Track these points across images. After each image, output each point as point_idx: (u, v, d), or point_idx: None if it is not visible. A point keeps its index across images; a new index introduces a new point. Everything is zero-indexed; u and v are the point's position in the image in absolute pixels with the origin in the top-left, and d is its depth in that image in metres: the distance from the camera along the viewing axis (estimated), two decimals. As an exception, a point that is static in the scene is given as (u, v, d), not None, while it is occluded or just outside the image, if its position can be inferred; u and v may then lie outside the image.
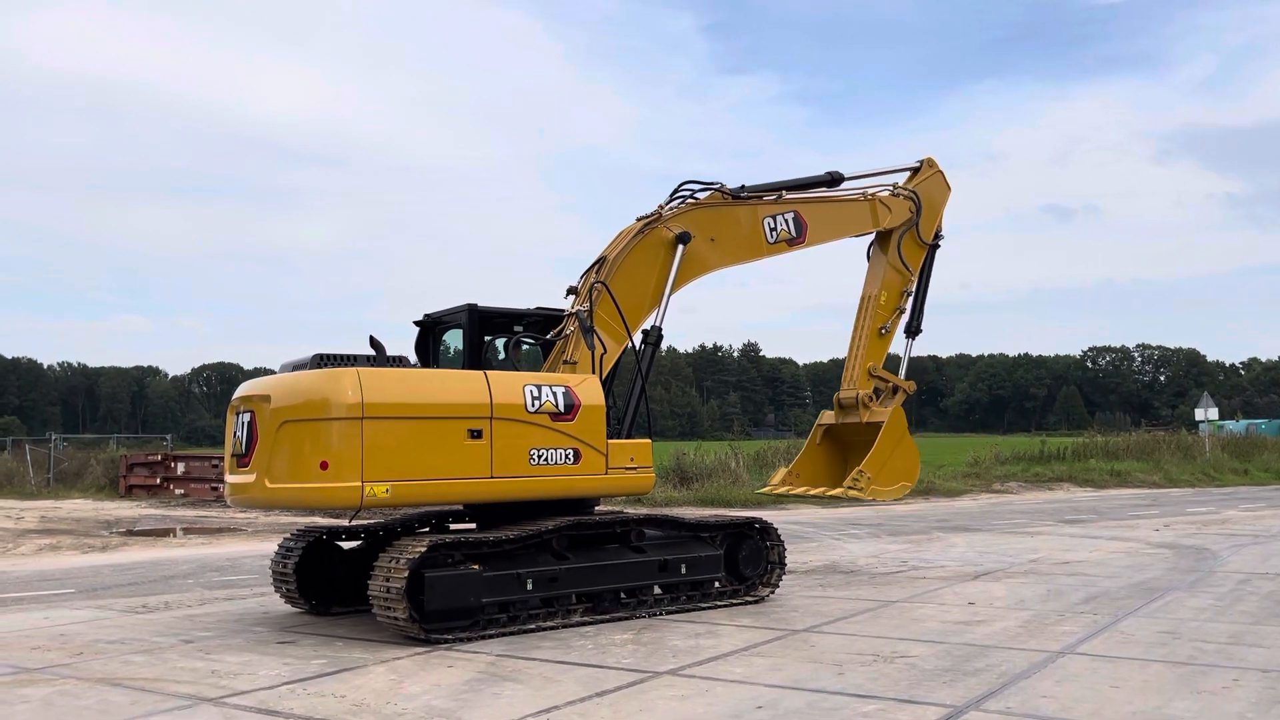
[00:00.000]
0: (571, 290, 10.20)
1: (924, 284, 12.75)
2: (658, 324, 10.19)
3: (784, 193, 11.33)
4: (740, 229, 10.91)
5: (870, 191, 12.18)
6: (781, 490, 12.47)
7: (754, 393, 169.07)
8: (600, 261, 10.20)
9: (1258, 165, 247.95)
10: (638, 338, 10.15)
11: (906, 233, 12.40)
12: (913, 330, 12.80)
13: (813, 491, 12.20)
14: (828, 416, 12.68)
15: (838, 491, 11.79)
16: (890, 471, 11.74)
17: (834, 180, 11.93)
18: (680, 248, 10.31)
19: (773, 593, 10.08)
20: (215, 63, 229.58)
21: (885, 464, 11.68)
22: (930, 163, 12.76)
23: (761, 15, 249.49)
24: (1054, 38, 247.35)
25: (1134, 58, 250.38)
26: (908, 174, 12.70)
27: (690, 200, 10.65)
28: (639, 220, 10.45)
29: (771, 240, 11.08)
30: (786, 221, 11.21)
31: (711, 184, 10.78)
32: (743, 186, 10.97)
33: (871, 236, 12.48)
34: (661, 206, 10.53)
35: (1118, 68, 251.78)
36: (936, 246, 12.79)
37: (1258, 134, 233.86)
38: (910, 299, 12.65)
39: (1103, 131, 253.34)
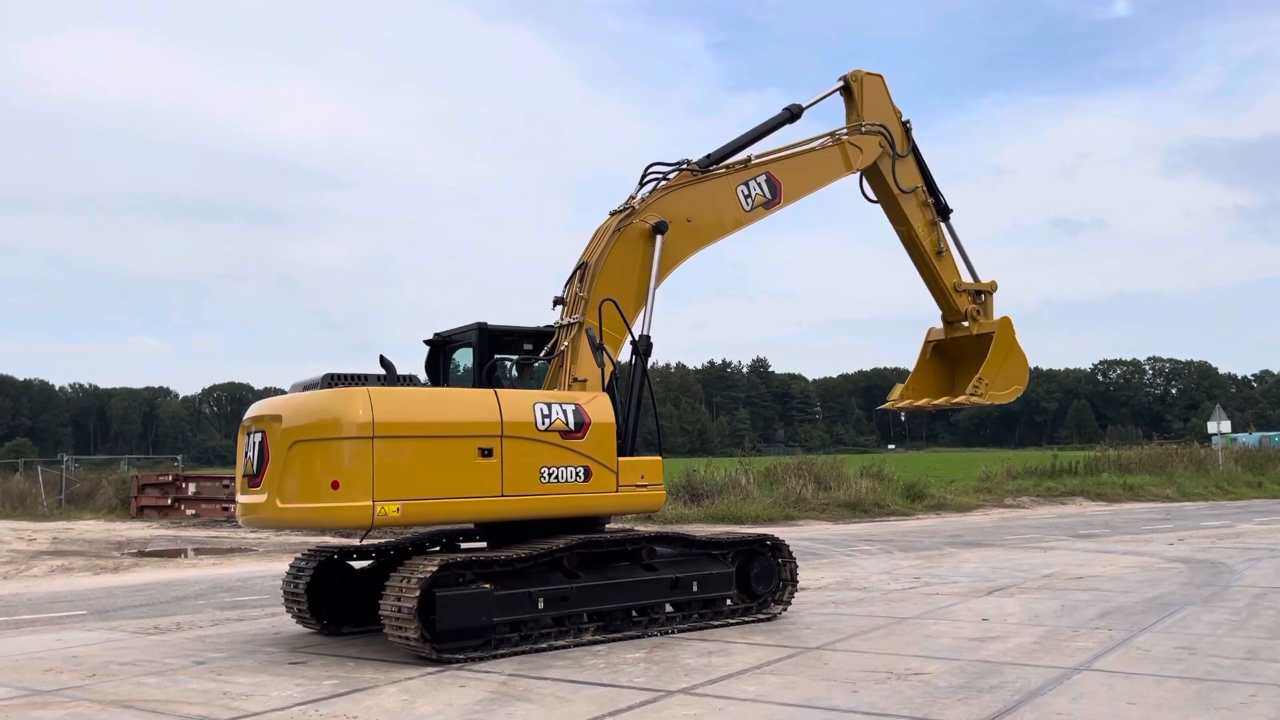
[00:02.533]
0: (558, 301, 10.05)
1: (924, 169, 12.43)
2: (645, 332, 9.94)
3: (752, 157, 11.07)
4: (715, 204, 10.68)
5: (838, 133, 11.80)
6: (902, 405, 12.93)
7: (764, 408, 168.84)
8: (582, 267, 9.98)
9: (1267, 177, 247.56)
10: (625, 352, 10.01)
11: (892, 161, 12.02)
12: (945, 212, 12.63)
13: (935, 403, 12.72)
14: (936, 333, 12.94)
15: (960, 399, 12.36)
16: (1004, 376, 12.24)
17: (793, 115, 11.67)
18: (658, 238, 10.05)
19: (785, 610, 10.04)
20: (228, 85, 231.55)
21: (1000, 370, 12.19)
22: (855, 77, 12.10)
23: (769, 33, 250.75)
24: (1060, 52, 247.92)
25: (1140, 71, 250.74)
26: (844, 104, 12.15)
27: (661, 184, 10.40)
28: (612, 215, 10.22)
29: (748, 208, 10.86)
30: (760, 185, 10.96)
31: (678, 163, 10.53)
32: (708, 156, 10.72)
33: (855, 178, 12.12)
34: (632, 197, 10.28)
35: (1124, 81, 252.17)
36: (908, 130, 12.37)
37: (1266, 146, 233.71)
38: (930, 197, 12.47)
39: (1110, 145, 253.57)
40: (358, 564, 9.81)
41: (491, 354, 9.74)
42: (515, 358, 10.00)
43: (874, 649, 8.24)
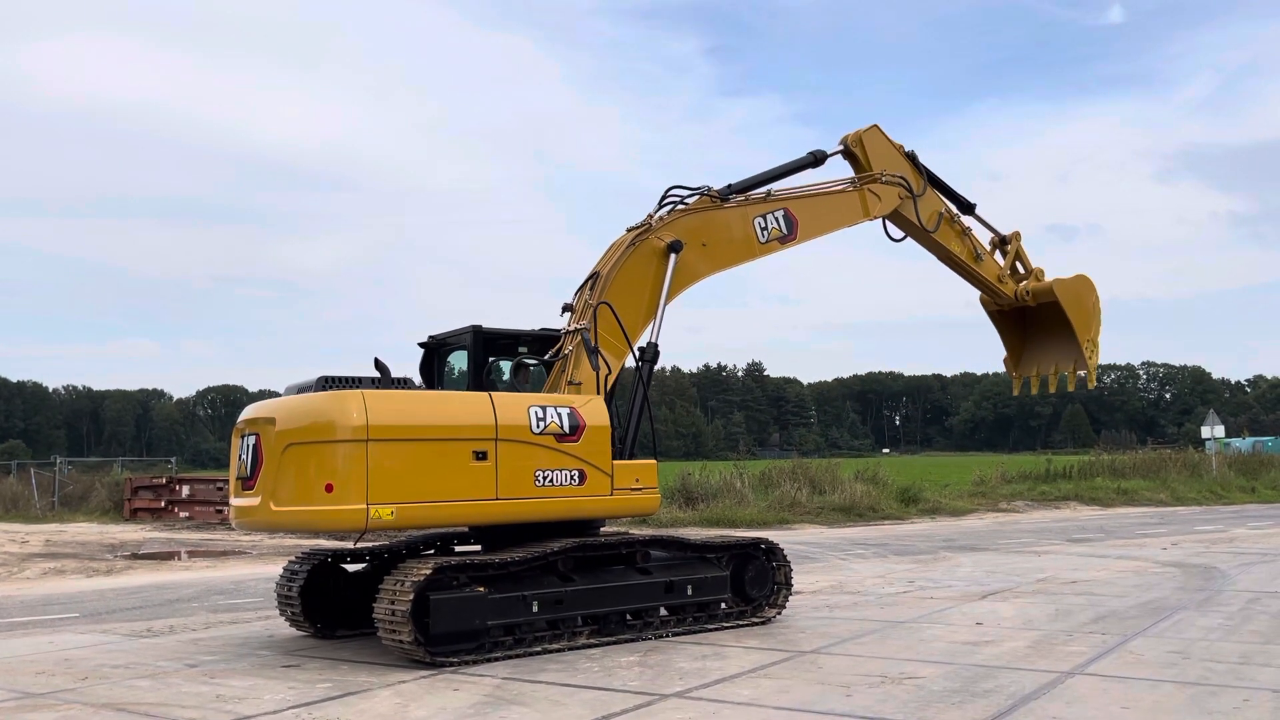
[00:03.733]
0: (567, 308, 10.10)
1: (937, 182, 12.56)
2: (653, 340, 10.06)
3: (772, 190, 11.20)
4: (731, 232, 10.80)
5: (859, 180, 11.90)
6: (1029, 377, 13.68)
7: (759, 412, 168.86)
8: (594, 277, 10.08)
9: (1261, 183, 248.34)
10: (630, 360, 10.08)
11: (914, 202, 12.13)
12: (967, 208, 12.84)
13: (1062, 371, 13.42)
14: (987, 301, 13.45)
15: (1084, 372, 13.23)
16: (1086, 319, 13.23)
17: (817, 160, 11.83)
18: (673, 257, 10.15)
19: (779, 613, 10.03)
20: (223, 88, 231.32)
21: (1085, 322, 13.15)
22: (854, 141, 12.04)
23: (764, 38, 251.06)
24: (1055, 58, 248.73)
25: (1135, 77, 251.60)
26: (850, 166, 12.18)
27: (679, 207, 10.53)
28: (629, 231, 10.33)
29: (763, 240, 10.97)
30: (777, 219, 11.08)
31: (698, 188, 10.67)
32: (729, 186, 10.85)
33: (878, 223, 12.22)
34: (650, 215, 10.40)
35: (1119, 87, 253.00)
36: (915, 161, 12.45)
37: (1260, 152, 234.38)
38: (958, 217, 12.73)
39: (1104, 151, 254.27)
40: (352, 567, 9.79)
41: (486, 357, 9.74)
42: (514, 359, 9.99)
43: (868, 653, 8.24)
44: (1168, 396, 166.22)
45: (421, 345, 10.22)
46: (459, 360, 10.11)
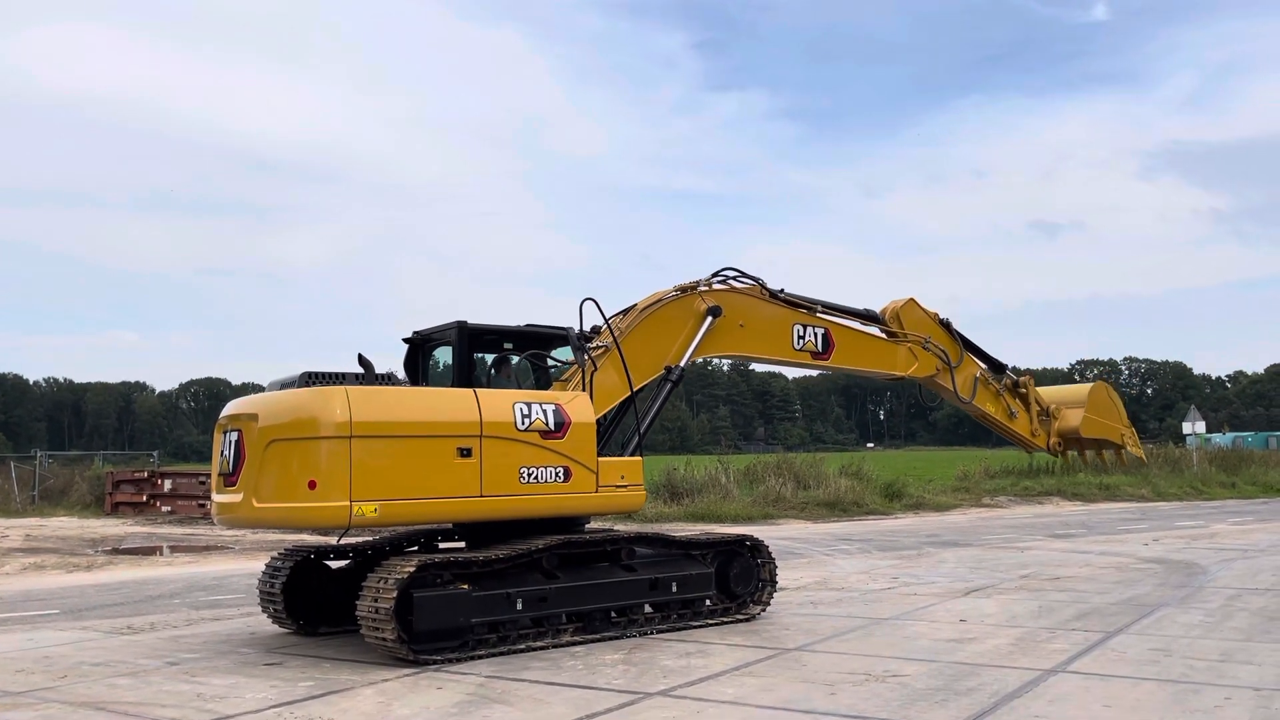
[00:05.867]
0: (594, 329, 10.15)
1: (972, 347, 13.14)
2: (681, 366, 10.38)
3: (820, 307, 11.58)
4: (770, 326, 11.16)
5: (908, 341, 12.32)
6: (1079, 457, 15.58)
7: (744, 407, 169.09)
8: (632, 308, 10.43)
9: (1242, 181, 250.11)
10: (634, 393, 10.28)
11: (951, 372, 12.67)
12: (999, 369, 13.42)
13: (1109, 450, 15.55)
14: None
15: (1137, 451, 15.45)
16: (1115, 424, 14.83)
17: (869, 316, 12.28)
18: (709, 320, 10.50)
19: (764, 610, 10.04)
20: (208, 80, 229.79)
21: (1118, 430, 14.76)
22: (892, 316, 12.48)
23: (752, 32, 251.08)
24: (1039, 55, 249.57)
25: (1118, 75, 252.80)
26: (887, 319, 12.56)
27: (729, 284, 10.93)
28: (675, 288, 10.67)
29: (797, 347, 11.32)
30: (815, 335, 11.44)
31: (753, 277, 11.11)
32: (782, 290, 11.28)
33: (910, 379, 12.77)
34: (700, 281, 10.78)
35: (1102, 85, 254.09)
36: (949, 326, 12.99)
37: (1241, 150, 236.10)
38: (986, 366, 13.32)
39: (1088, 148, 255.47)
40: (335, 564, 9.74)
41: (472, 353, 9.70)
42: (496, 355, 9.97)
43: (852, 650, 8.25)
44: (1149, 392, 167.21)
45: (406, 341, 10.17)
46: (444, 356, 10.06)
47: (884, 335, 12.29)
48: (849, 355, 11.81)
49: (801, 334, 11.30)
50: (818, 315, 11.53)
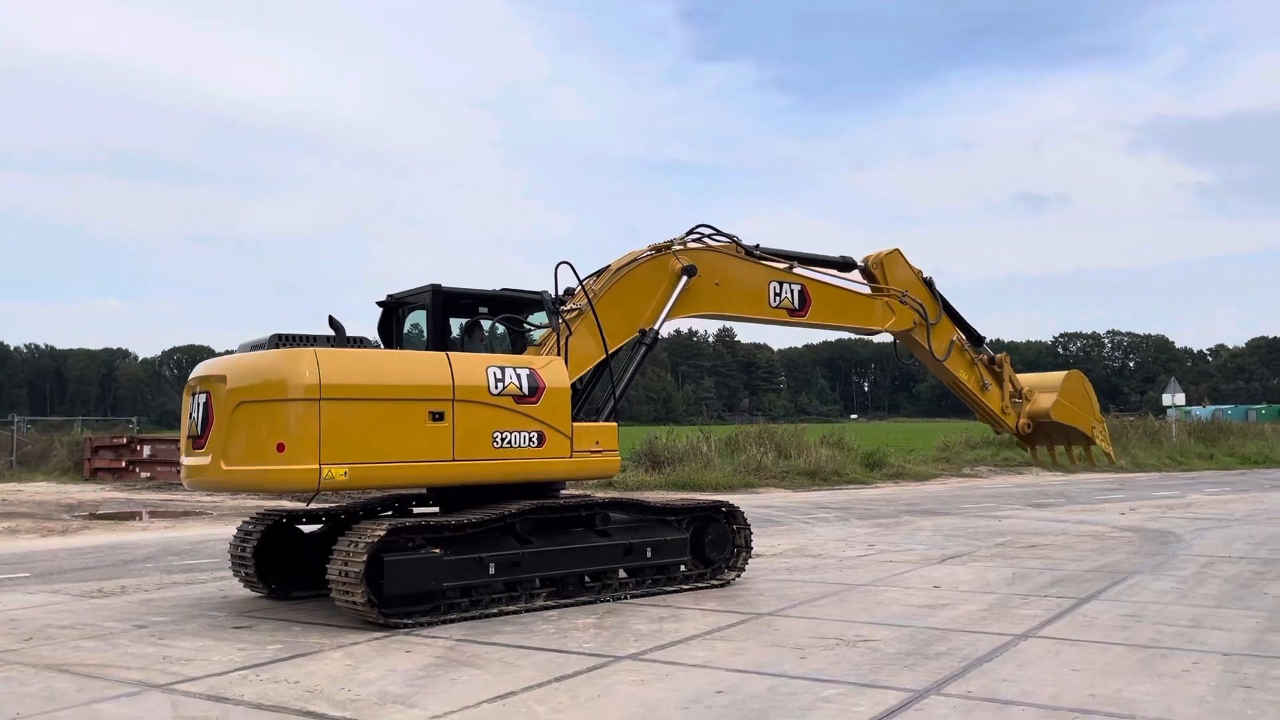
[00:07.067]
0: (568, 292, 10.06)
1: (952, 312, 12.91)
2: (655, 329, 10.23)
3: (795, 265, 11.42)
4: (745, 284, 10.99)
5: (886, 295, 12.14)
6: (1048, 453, 14.62)
7: (729, 378, 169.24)
8: (605, 269, 10.27)
9: (1227, 156, 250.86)
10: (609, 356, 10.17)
11: (927, 329, 12.48)
12: (976, 340, 13.20)
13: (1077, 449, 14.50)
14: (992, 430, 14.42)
15: (1106, 448, 14.34)
16: (1087, 414, 14.04)
17: (845, 264, 12.09)
18: (685, 279, 10.34)
19: (738, 576, 10.03)
20: (193, 46, 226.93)
21: (1085, 413, 13.99)
22: (875, 262, 12.24)
23: (740, 2, 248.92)
24: (1028, 27, 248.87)
25: (1107, 48, 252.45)
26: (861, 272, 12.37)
27: (704, 242, 10.76)
28: (650, 247, 10.51)
29: (773, 304, 11.16)
30: (792, 291, 11.27)
31: (728, 235, 10.92)
32: (757, 245, 11.11)
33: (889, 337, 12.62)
34: (674, 240, 10.61)
35: (1091, 58, 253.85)
36: (931, 285, 12.79)
37: (1227, 125, 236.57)
38: (962, 333, 13.06)
39: (1075, 121, 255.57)
40: (307, 528, 9.66)
41: (446, 316, 9.59)
42: (470, 318, 9.86)
43: (825, 615, 8.25)
44: (1131, 365, 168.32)
45: (380, 304, 10.04)
46: (420, 320, 9.94)
47: (862, 289, 12.05)
48: (826, 311, 11.65)
49: (778, 291, 11.16)
50: (794, 271, 11.38)
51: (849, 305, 11.93)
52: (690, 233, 10.79)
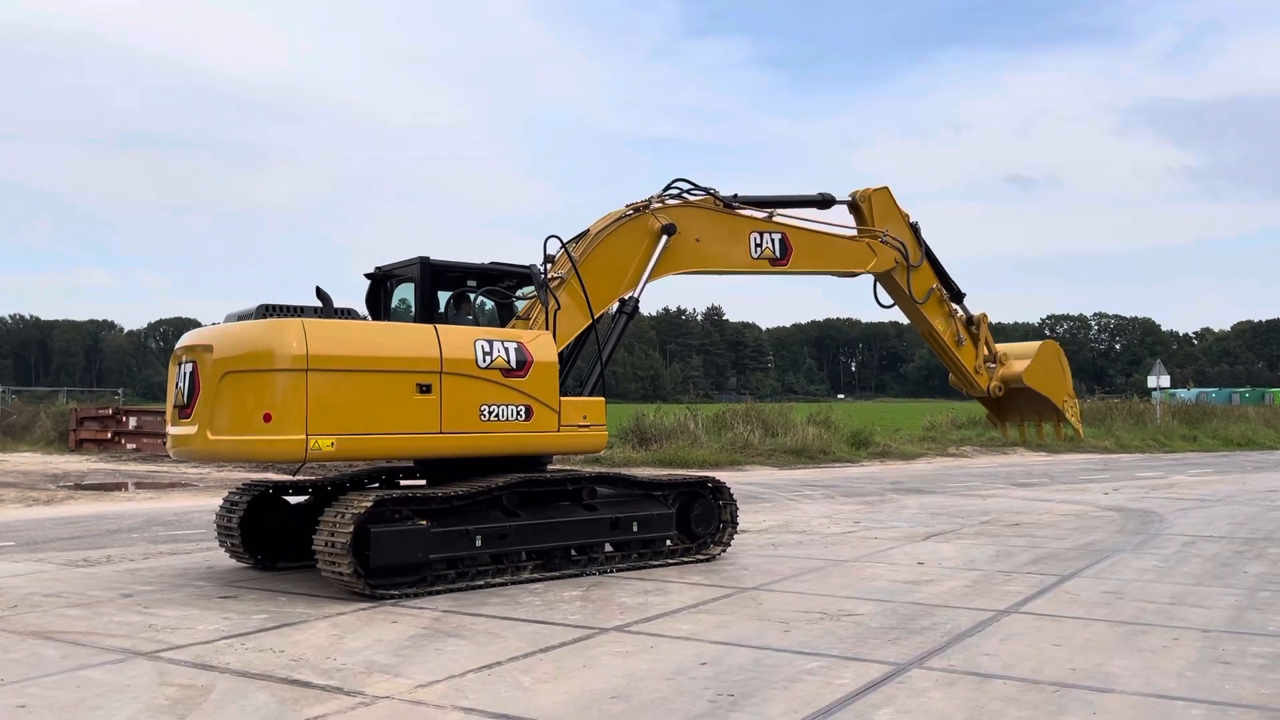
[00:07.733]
0: (549, 259, 10.02)
1: (935, 261, 12.72)
2: (635, 296, 10.15)
3: (775, 213, 11.31)
4: (726, 238, 10.89)
5: (862, 233, 12.02)
6: (1018, 430, 14.34)
7: (717, 356, 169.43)
8: (584, 234, 10.16)
9: (1216, 139, 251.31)
10: (614, 307, 10.16)
11: (907, 271, 12.29)
12: (957, 296, 13.05)
13: (1047, 426, 14.06)
14: (962, 388, 13.79)
15: (1075, 425, 13.84)
16: (1059, 385, 13.75)
17: (825, 201, 11.94)
18: (664, 239, 10.25)
19: (724, 551, 10.07)
20: (181, 15, 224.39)
21: (1057, 386, 13.63)
22: (863, 197, 12.13)
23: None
24: (1020, 6, 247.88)
25: (1098, 29, 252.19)
26: (854, 219, 12.26)
27: (683, 198, 10.64)
28: (628, 206, 10.41)
29: (755, 256, 11.05)
30: (773, 241, 11.15)
31: (705, 188, 10.81)
32: (735, 196, 10.98)
33: (868, 281, 12.42)
34: (653, 197, 10.49)
35: (1082, 39, 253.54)
36: (918, 232, 12.62)
37: (1216, 108, 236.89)
38: (941, 282, 12.82)
39: (1066, 103, 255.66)
40: (294, 499, 9.66)
41: (435, 289, 9.55)
42: (456, 290, 9.82)
43: (809, 590, 8.30)
44: (1117, 347, 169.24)
45: (368, 276, 9.99)
46: (406, 294, 9.90)
47: (842, 231, 11.87)
48: (807, 258, 11.52)
49: (758, 242, 11.03)
50: (774, 220, 11.24)
51: (830, 250, 11.77)
52: (668, 188, 10.65)
